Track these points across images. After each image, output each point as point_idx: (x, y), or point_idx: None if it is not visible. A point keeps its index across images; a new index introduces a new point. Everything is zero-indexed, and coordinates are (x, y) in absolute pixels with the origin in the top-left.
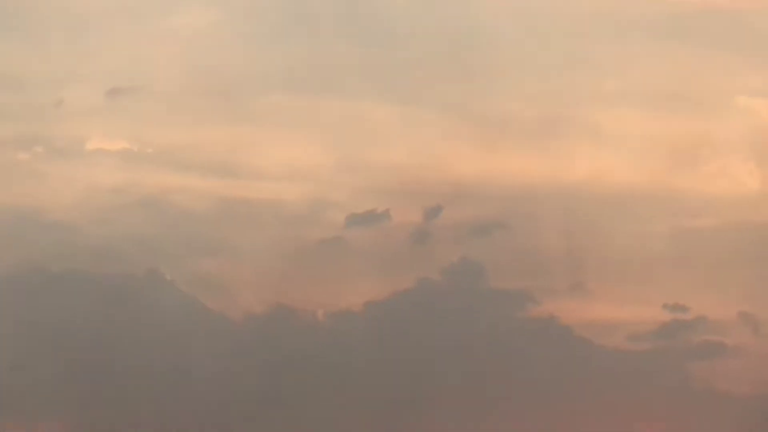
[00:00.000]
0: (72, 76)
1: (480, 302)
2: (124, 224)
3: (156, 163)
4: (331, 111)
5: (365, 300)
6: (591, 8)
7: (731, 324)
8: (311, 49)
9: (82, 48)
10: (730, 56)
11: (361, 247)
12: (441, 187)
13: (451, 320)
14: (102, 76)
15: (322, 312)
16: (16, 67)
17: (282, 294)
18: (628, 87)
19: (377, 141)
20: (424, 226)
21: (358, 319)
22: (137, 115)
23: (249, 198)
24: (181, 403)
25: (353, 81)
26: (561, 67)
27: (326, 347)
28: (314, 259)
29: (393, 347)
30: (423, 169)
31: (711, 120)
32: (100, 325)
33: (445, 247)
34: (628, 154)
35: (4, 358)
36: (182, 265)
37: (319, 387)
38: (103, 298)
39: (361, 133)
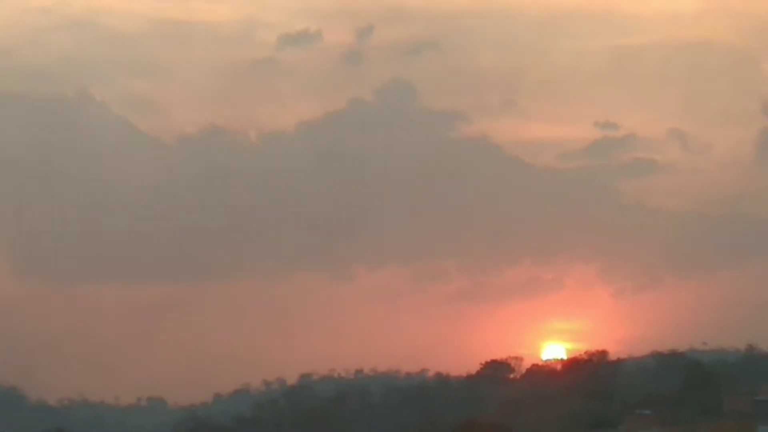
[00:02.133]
0: None
1: (412, 122)
2: (54, 45)
3: None
4: None
5: (297, 121)
6: None
7: (662, 141)
8: None
9: None
10: None
11: (294, 67)
12: (374, 6)
13: (383, 141)
14: None
15: (254, 133)
16: None
17: (214, 115)
18: None
19: None
20: (356, 46)
21: (291, 140)
22: None
23: (181, 18)
24: (113, 222)
25: None
26: None
27: (259, 168)
28: (246, 80)
29: (326, 167)
30: None
31: None
32: (30, 147)
33: (378, 68)
34: None
35: None
36: (113, 87)
37: (253, 207)
38: (33, 119)
39: None
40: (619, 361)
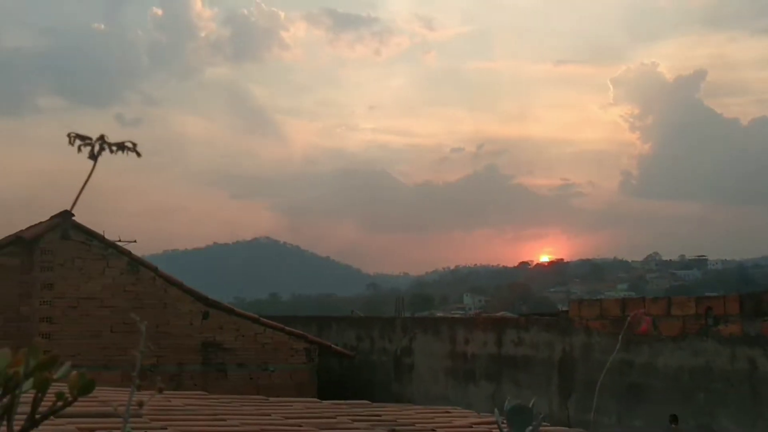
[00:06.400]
0: None
1: (496, 182)
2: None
3: None
4: None
5: (445, 181)
6: None
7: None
8: None
9: None
10: None
11: (451, 161)
12: (483, 137)
13: (481, 188)
14: None
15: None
16: None
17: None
18: None
19: None
20: (476, 152)
21: (441, 190)
22: None
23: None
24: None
25: None
26: None
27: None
28: (435, 167)
29: (457, 204)
30: None
31: None
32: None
33: (484, 160)
34: None
35: None
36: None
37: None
38: (355, 186)
39: None
40: None
